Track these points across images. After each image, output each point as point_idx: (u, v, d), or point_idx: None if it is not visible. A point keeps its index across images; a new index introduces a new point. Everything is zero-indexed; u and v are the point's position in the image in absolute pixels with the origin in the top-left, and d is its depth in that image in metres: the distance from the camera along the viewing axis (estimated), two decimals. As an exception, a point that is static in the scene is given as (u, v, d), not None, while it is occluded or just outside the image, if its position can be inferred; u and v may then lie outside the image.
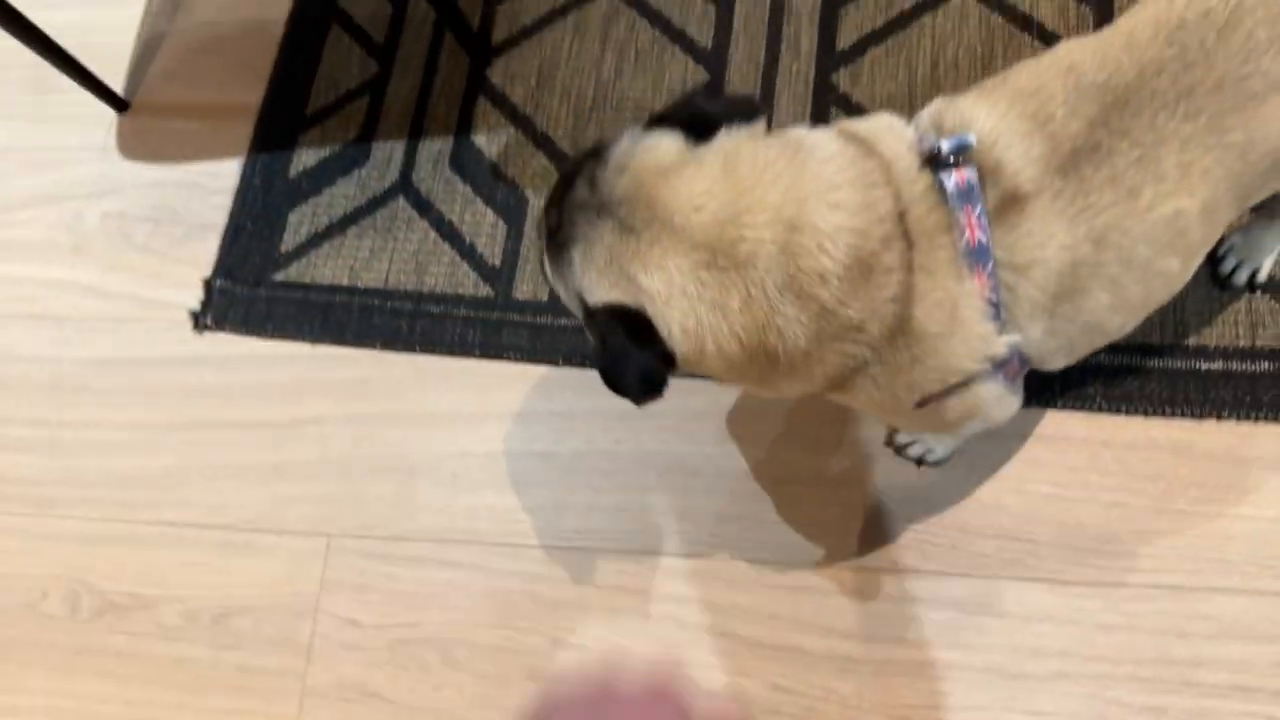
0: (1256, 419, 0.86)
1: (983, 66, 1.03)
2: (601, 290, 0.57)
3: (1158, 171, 0.57)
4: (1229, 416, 0.86)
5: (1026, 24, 1.03)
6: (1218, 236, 0.64)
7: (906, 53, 1.05)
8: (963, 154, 0.59)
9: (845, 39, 1.07)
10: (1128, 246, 0.59)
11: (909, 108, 1.03)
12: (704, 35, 1.10)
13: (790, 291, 0.56)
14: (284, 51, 1.19)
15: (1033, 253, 0.59)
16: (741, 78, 1.07)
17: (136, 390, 1.08)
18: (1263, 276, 0.89)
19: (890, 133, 0.62)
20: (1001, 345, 0.62)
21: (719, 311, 0.55)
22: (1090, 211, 0.58)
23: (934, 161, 0.59)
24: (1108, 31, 0.62)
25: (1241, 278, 0.89)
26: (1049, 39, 1.02)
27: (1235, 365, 0.87)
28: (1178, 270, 0.62)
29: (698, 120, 0.58)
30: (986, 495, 0.87)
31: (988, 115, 0.60)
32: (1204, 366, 0.88)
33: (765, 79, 1.07)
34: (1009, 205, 0.59)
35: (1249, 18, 0.56)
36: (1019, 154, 0.59)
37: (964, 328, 0.60)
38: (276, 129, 1.16)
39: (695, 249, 0.55)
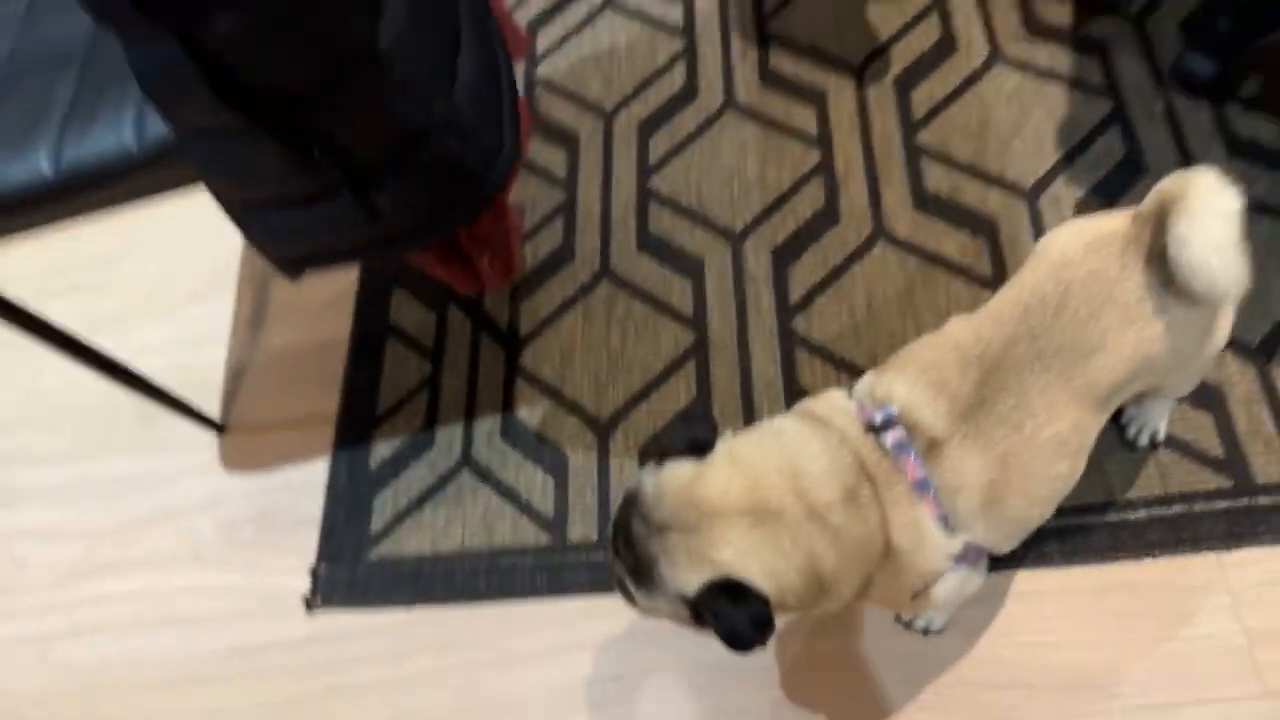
0: (1183, 552, 1.06)
1: (907, 296, 1.30)
2: (694, 579, 0.75)
3: (1031, 410, 0.81)
4: (1161, 554, 1.07)
5: (935, 260, 1.32)
6: (1095, 437, 0.87)
7: (845, 296, 1.32)
8: (891, 420, 0.83)
9: (795, 293, 1.34)
10: (1024, 464, 0.82)
11: (856, 339, 1.29)
12: (686, 305, 1.38)
13: (814, 522, 0.77)
14: (351, 365, 1.47)
15: (958, 479, 0.82)
16: (720, 335, 1.34)
17: (261, 672, 1.27)
18: (1161, 436, 1.11)
19: (838, 411, 0.86)
20: (957, 545, 0.84)
21: (780, 554, 0.76)
22: (990, 445, 0.81)
23: (873, 428, 0.83)
24: (981, 312, 0.87)
25: (1144, 439, 1.12)
26: (954, 268, 1.30)
27: (1156, 511, 1.09)
28: (1068, 471, 0.85)
29: (696, 445, 0.81)
30: (981, 652, 1.05)
31: (903, 386, 0.85)
32: (1132, 516, 1.09)
33: (739, 333, 1.34)
34: (932, 449, 0.82)
35: (1073, 300, 0.82)
36: (930, 413, 0.83)
37: (927, 540, 0.82)
38: (354, 430, 1.41)
39: (741, 517, 0.76)
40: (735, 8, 1.60)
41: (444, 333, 1.46)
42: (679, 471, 0.80)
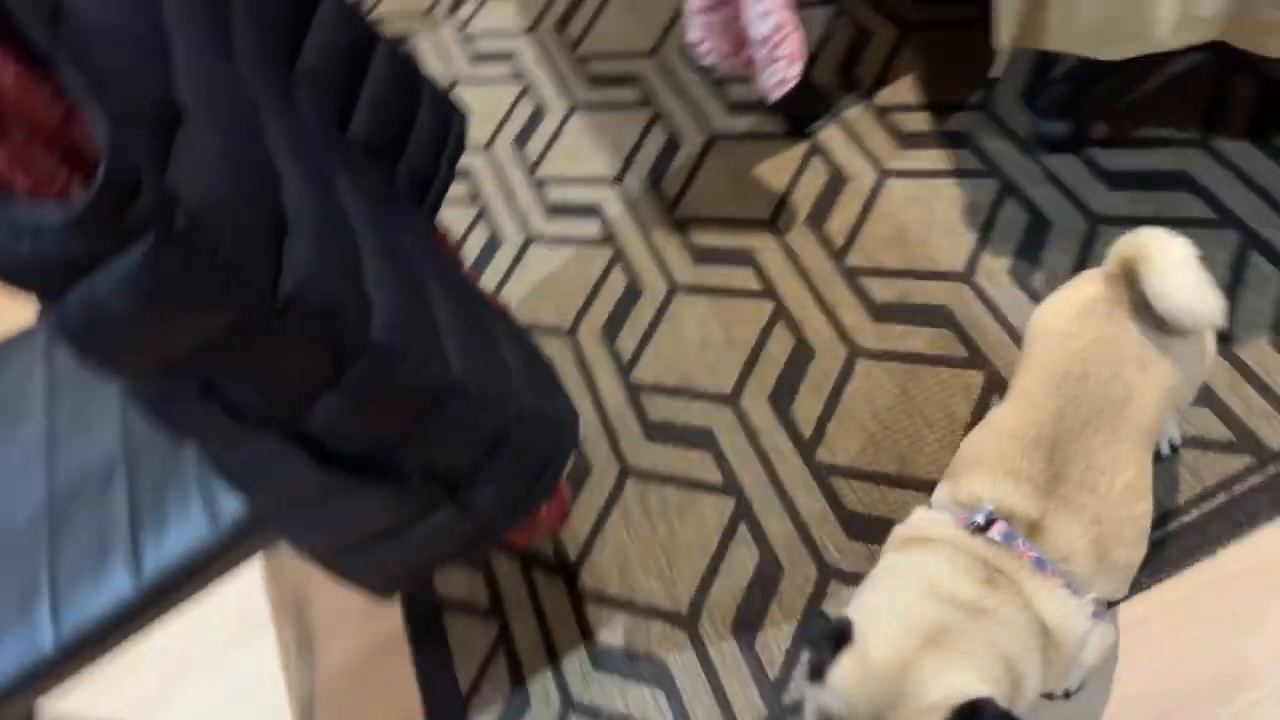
0: (1245, 534, 1.16)
1: (905, 398, 1.41)
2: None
3: (1100, 469, 0.91)
4: (1230, 542, 1.16)
5: (914, 359, 1.44)
6: (1151, 471, 0.97)
7: (851, 416, 1.42)
8: (991, 516, 0.91)
9: (806, 429, 1.44)
10: (1113, 516, 0.90)
11: (878, 450, 1.38)
12: (714, 474, 1.45)
13: (975, 616, 0.83)
14: (418, 654, 1.45)
15: (1066, 548, 0.89)
16: (759, 493, 1.41)
17: None
18: (1178, 441, 1.23)
19: (933, 525, 0.94)
20: (1089, 604, 0.90)
21: (969, 655, 0.81)
22: (1080, 511, 0.90)
23: (978, 528, 0.91)
24: (1014, 398, 0.98)
25: (1165, 449, 1.23)
26: (933, 360, 1.42)
27: (1205, 507, 1.18)
28: (1146, 509, 0.94)
29: (840, 640, 0.83)
30: (1118, 692, 1.11)
31: (984, 484, 0.93)
32: (1188, 519, 1.18)
33: (773, 482, 1.41)
34: (1034, 529, 0.90)
35: (1091, 365, 0.93)
36: (1018, 500, 0.91)
37: (1068, 606, 0.88)
38: (447, 717, 1.38)
39: (921, 654, 0.80)
40: (643, 206, 1.77)
41: (497, 586, 1.48)
42: (845, 670, 0.82)
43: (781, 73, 1.33)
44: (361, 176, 0.95)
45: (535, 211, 1.87)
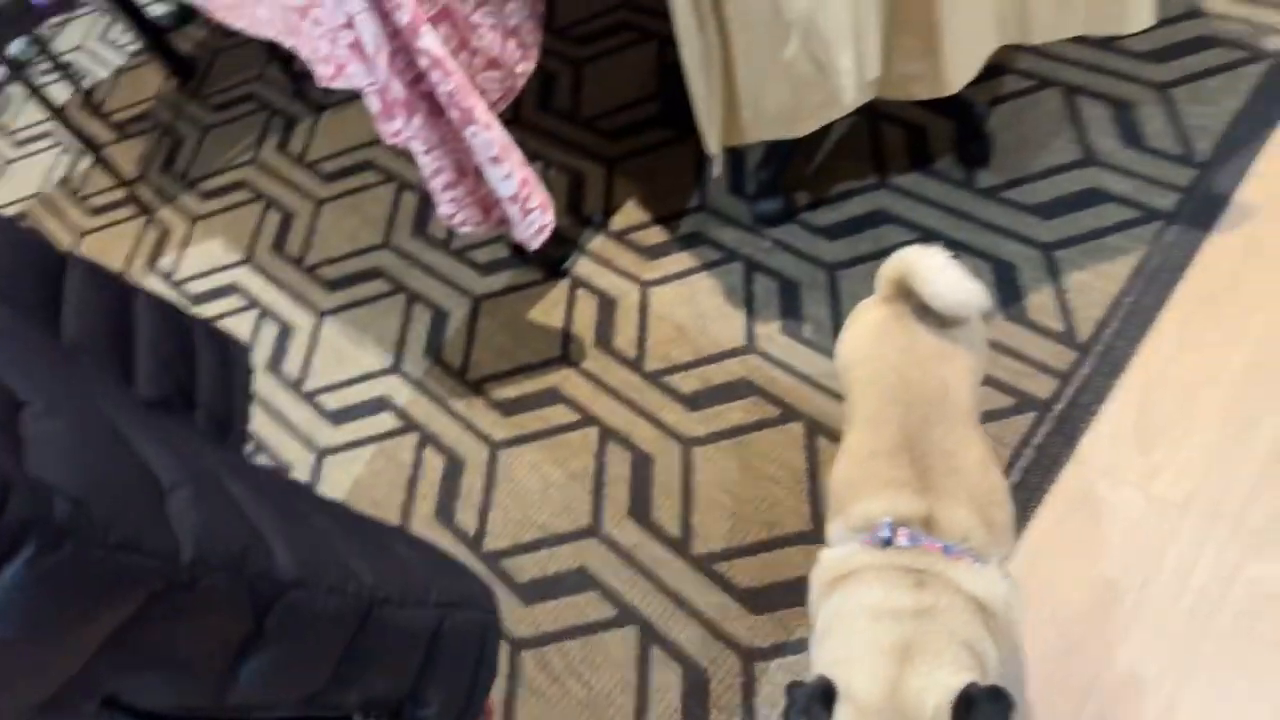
0: (1056, 475, 1.35)
1: (746, 469, 1.49)
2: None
3: (952, 453, 1.02)
4: (1049, 487, 1.34)
5: (738, 431, 1.53)
6: (984, 440, 1.12)
7: (709, 502, 1.48)
8: (892, 527, 0.99)
9: (673, 530, 1.47)
10: (979, 488, 1.02)
11: (745, 522, 1.44)
12: (606, 610, 1.42)
13: (925, 618, 0.89)
14: None
15: (959, 530, 0.99)
16: (657, 609, 1.40)
17: None
18: (971, 419, 1.42)
19: (845, 559, 1.00)
20: (997, 568, 1.00)
21: (941, 654, 0.85)
22: (955, 494, 1.00)
23: (886, 542, 0.98)
24: (858, 424, 1.09)
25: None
26: (755, 426, 1.52)
27: (1020, 463, 1.37)
28: (999, 472, 1.07)
29: (829, 698, 0.85)
30: (1030, 646, 1.23)
31: (873, 504, 1.02)
32: (1013, 481, 1.36)
33: (666, 593, 1.41)
34: (928, 524, 0.99)
35: (907, 373, 1.06)
36: (904, 504, 1.00)
37: (984, 578, 0.97)
38: None
39: (903, 675, 0.84)
40: (432, 383, 1.75)
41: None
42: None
43: (538, 220, 1.42)
44: (183, 425, 0.88)
45: (317, 425, 1.78)
